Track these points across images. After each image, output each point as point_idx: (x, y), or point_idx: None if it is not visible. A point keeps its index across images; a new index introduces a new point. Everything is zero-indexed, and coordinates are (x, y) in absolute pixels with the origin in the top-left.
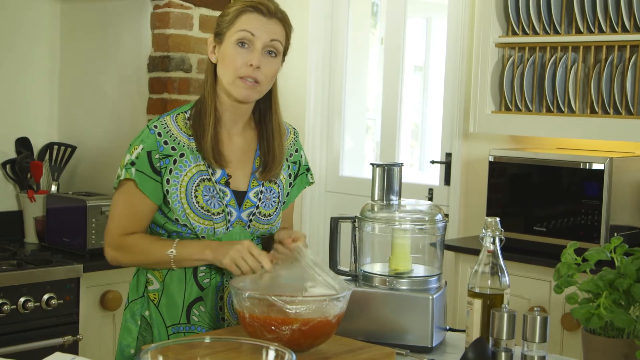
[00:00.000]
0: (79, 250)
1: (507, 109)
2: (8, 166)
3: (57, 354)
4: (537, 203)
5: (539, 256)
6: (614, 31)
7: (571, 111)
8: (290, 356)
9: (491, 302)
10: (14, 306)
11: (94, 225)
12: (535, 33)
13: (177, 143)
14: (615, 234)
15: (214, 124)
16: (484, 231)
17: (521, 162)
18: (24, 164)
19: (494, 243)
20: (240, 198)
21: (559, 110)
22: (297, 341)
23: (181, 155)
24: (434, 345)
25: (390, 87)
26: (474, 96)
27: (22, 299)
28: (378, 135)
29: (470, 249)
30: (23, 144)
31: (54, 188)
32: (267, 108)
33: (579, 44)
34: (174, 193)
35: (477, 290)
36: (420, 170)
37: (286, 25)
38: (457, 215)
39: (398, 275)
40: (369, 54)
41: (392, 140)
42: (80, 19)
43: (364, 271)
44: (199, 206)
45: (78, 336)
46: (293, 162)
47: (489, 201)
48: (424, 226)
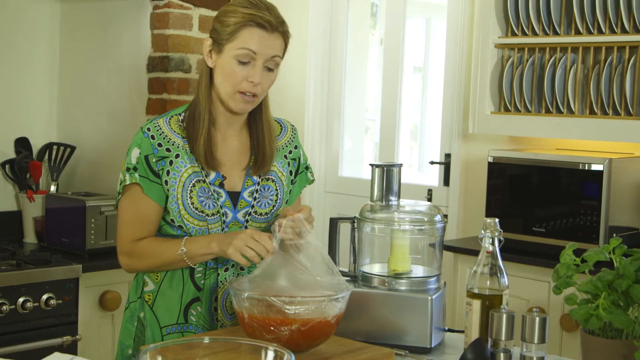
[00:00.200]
0: (78, 250)
1: (507, 109)
2: (7, 166)
3: (56, 354)
4: (536, 204)
5: (538, 257)
6: (613, 32)
7: (570, 112)
8: (289, 357)
9: (490, 303)
10: (13, 306)
11: (93, 225)
12: (535, 34)
13: (172, 144)
14: (614, 234)
15: (208, 127)
16: (483, 232)
17: (520, 163)
18: (23, 164)
19: (493, 244)
20: (235, 198)
21: (558, 111)
22: (296, 342)
23: (176, 156)
24: (432, 345)
25: (389, 87)
26: (473, 97)
27: (21, 299)
28: (377, 135)
29: (469, 249)
30: (22, 144)
31: (53, 188)
32: (257, 106)
33: (579, 45)
34: (171, 194)
35: (476, 290)
36: (420, 170)
37: (286, 37)
38: (456, 216)
39: (397, 276)
40: (369, 54)
41: (392, 140)
42: (79, 19)
43: (363, 272)
44: (193, 207)
45: (77, 336)
46: (293, 159)
47: (488, 202)
48: (423, 227)
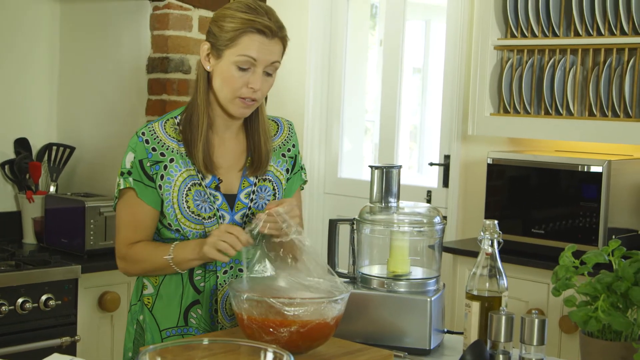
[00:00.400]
0: (77, 251)
1: (506, 111)
2: (7, 167)
3: (55, 355)
4: (536, 205)
5: (537, 259)
6: (612, 34)
7: (569, 114)
8: (288, 358)
9: (489, 305)
10: (12, 307)
11: (92, 226)
12: (534, 36)
13: (166, 149)
14: (613, 236)
15: (206, 131)
16: (482, 233)
17: (519, 165)
18: (22, 165)
19: (492, 245)
20: (231, 201)
21: (558, 113)
22: (295, 343)
23: (171, 161)
24: (431, 347)
25: (389, 89)
26: (473, 98)
27: (20, 300)
28: (377, 137)
29: (469, 251)
30: (22, 144)
31: (52, 189)
32: None
33: (578, 47)
34: (166, 198)
35: (475, 292)
36: (419, 172)
37: (285, 42)
38: (456, 218)
39: (396, 278)
40: (368, 55)
41: (391, 142)
42: (79, 20)
43: (362, 273)
44: (189, 211)
45: (76, 337)
46: (291, 157)
47: (487, 203)
48: (422, 228)
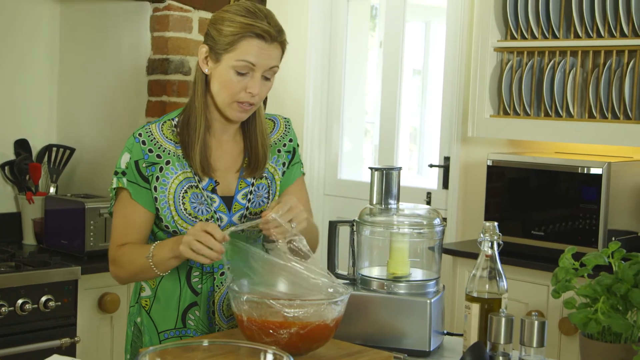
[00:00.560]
0: (77, 252)
1: (506, 113)
2: (7, 168)
3: (55, 357)
4: (535, 207)
5: (536, 260)
6: (612, 36)
7: (569, 116)
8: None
9: (489, 307)
10: (11, 308)
11: (92, 227)
12: (534, 37)
13: (163, 151)
14: (613, 238)
15: (204, 134)
16: (482, 235)
17: (519, 167)
18: (22, 166)
19: (492, 247)
20: (229, 202)
21: (557, 115)
22: (295, 345)
23: (167, 163)
24: (431, 349)
25: (389, 90)
26: (473, 100)
27: (20, 301)
28: (377, 138)
29: (468, 253)
30: (22, 145)
31: (52, 190)
32: None
33: (578, 49)
34: (162, 200)
35: (475, 294)
36: (419, 173)
37: (284, 46)
38: (455, 219)
39: (396, 279)
40: (368, 57)
41: (391, 143)
42: (79, 21)
43: (362, 275)
44: (186, 213)
45: (76, 338)
46: (287, 151)
47: (487, 205)
48: (422, 230)
